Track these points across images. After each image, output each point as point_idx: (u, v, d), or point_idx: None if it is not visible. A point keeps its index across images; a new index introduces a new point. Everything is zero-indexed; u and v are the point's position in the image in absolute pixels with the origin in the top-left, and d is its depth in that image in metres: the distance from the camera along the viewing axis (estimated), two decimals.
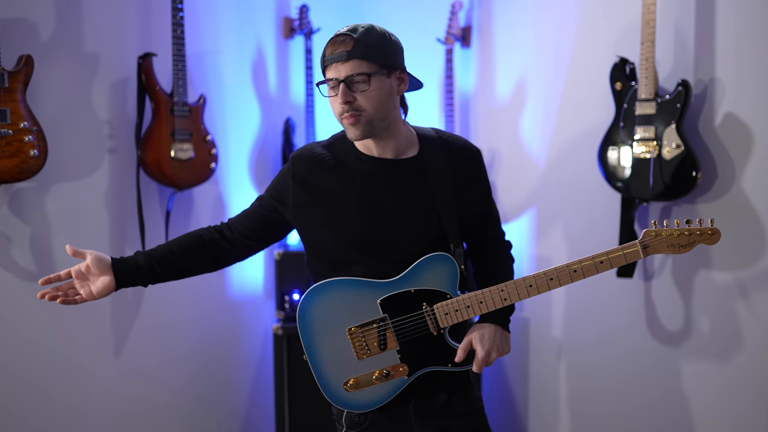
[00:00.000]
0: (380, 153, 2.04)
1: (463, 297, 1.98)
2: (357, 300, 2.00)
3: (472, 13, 3.86)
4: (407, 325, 1.99)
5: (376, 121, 1.95)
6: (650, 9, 2.68)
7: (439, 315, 1.98)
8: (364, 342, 2.00)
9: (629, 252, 1.92)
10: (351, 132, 1.96)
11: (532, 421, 3.59)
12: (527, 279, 1.95)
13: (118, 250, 3.13)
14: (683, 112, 2.67)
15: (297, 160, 2.09)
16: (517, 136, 3.58)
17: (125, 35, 3.14)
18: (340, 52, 1.90)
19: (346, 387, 2.02)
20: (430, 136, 2.12)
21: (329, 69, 1.93)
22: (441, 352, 2.02)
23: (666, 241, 1.91)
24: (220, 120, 3.51)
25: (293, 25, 3.83)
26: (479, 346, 1.99)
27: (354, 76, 1.90)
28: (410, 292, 1.98)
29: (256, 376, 3.74)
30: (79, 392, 3.05)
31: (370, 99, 1.92)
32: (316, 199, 2.04)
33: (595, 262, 1.94)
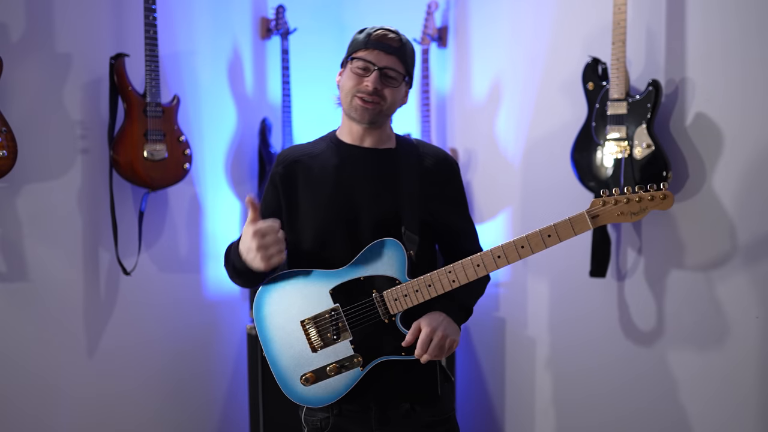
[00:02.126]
0: (360, 141, 2.10)
1: (411, 282, 1.95)
2: (309, 291, 2.00)
3: (448, 14, 3.86)
4: (358, 314, 1.98)
5: (384, 116, 2.06)
6: (621, 9, 2.69)
7: (389, 301, 1.96)
8: (317, 333, 1.99)
9: (577, 222, 1.86)
10: (361, 114, 2.03)
11: (508, 423, 3.60)
12: (474, 259, 1.92)
13: (91, 252, 3.12)
14: (654, 111, 2.67)
15: (281, 155, 2.16)
16: (492, 135, 3.59)
17: (98, 36, 3.13)
18: (389, 44, 2.02)
19: (303, 381, 2.00)
20: (408, 138, 2.19)
21: (369, 51, 2.02)
22: (394, 341, 1.98)
23: (616, 209, 1.83)
24: (196, 120, 3.50)
25: (270, 25, 3.82)
26: (426, 325, 1.94)
27: (391, 69, 2.02)
28: (360, 279, 1.98)
29: (232, 374, 3.73)
30: (51, 392, 3.03)
31: (393, 96, 2.04)
32: (297, 181, 2.09)
33: (542, 236, 1.87)
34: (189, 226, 3.52)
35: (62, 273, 3.05)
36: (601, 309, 3.06)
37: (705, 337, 2.68)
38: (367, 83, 2.00)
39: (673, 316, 2.79)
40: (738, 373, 2.58)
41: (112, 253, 3.15)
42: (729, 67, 2.58)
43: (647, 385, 2.89)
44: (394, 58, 2.02)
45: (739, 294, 2.58)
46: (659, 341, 2.84)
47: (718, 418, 2.66)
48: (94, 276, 3.15)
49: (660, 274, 2.82)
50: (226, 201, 3.72)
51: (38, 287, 2.97)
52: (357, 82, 2.01)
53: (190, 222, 3.53)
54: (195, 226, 3.55)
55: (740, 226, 2.56)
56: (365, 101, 2.00)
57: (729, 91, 2.59)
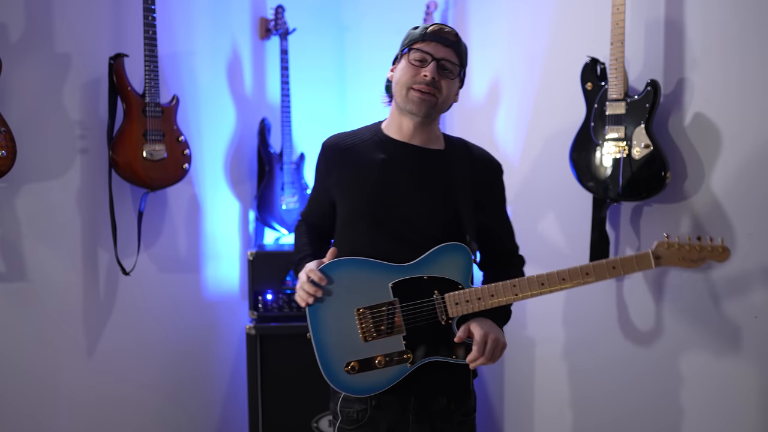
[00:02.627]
0: (409, 139, 2.11)
1: (474, 288, 1.99)
2: (368, 281, 2.01)
3: (447, 14, 3.86)
4: (416, 311, 2.00)
5: (439, 109, 2.08)
6: (619, 9, 2.69)
7: (450, 304, 1.99)
8: (371, 324, 2.00)
9: (641, 260, 1.96)
10: (418, 105, 2.03)
11: (507, 423, 3.60)
12: (540, 277, 1.97)
13: (90, 252, 3.12)
14: (652, 112, 2.67)
15: (325, 144, 2.20)
16: (491, 135, 3.59)
17: (97, 36, 3.13)
18: (446, 37, 2.04)
19: (347, 369, 2.00)
20: (457, 139, 2.22)
21: (426, 43, 2.04)
22: (446, 343, 2.01)
23: (678, 253, 1.96)
24: (195, 120, 3.51)
25: (269, 25, 3.83)
26: (479, 328, 1.98)
27: (448, 61, 2.04)
28: (423, 278, 2.00)
29: (231, 374, 3.74)
30: (50, 393, 3.03)
31: (448, 88, 2.06)
32: (341, 169, 2.12)
33: (607, 267, 1.96)
34: (188, 226, 3.52)
35: (61, 273, 3.05)
36: (600, 309, 3.06)
37: (704, 338, 2.68)
38: (425, 73, 2.01)
39: (671, 316, 2.79)
40: (737, 373, 2.58)
41: (111, 253, 3.15)
42: (728, 67, 2.58)
43: (646, 385, 2.89)
44: (450, 51, 2.04)
45: (737, 294, 2.57)
46: (658, 341, 2.84)
47: (717, 419, 2.66)
48: (93, 276, 3.15)
49: (659, 274, 2.82)
50: (226, 201, 3.72)
51: (37, 287, 2.97)
52: (414, 73, 2.03)
53: (190, 222, 3.53)
54: (194, 226, 3.55)
55: (739, 226, 2.56)
56: (422, 92, 2.02)
57: (728, 91, 2.58)
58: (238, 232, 3.79)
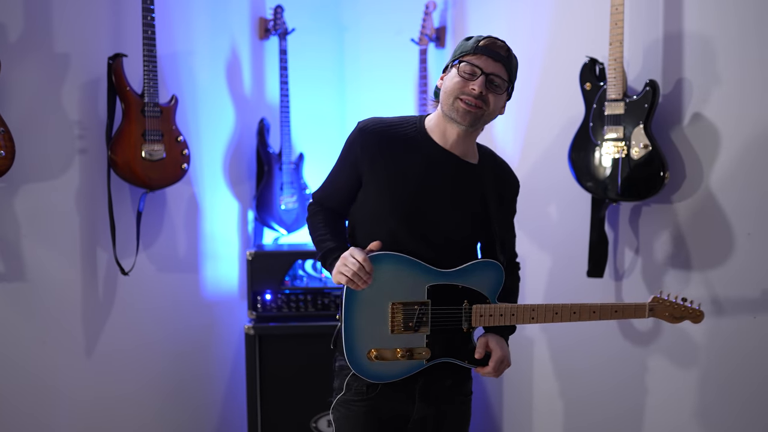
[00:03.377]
0: (450, 147, 2.15)
1: (500, 305, 2.14)
2: (408, 279, 2.10)
3: (446, 14, 3.86)
4: (444, 315, 2.11)
5: (484, 122, 2.11)
6: (618, 9, 2.69)
7: (475, 315, 2.13)
8: (401, 319, 2.09)
9: (638, 310, 2.21)
10: (463, 116, 2.06)
11: (506, 423, 3.60)
12: (556, 307, 2.15)
13: (89, 252, 3.12)
14: (651, 112, 2.68)
15: (365, 128, 2.15)
16: (490, 135, 3.59)
17: (96, 36, 3.13)
18: (497, 52, 2.06)
19: (369, 356, 2.10)
20: (488, 152, 2.28)
21: (477, 57, 2.05)
22: (462, 348, 2.16)
23: (667, 309, 2.22)
24: (194, 120, 3.51)
25: (268, 25, 3.82)
26: (498, 349, 2.17)
27: (497, 76, 2.06)
28: (458, 287, 2.12)
29: (230, 374, 3.73)
30: (49, 392, 3.04)
31: (496, 102, 2.08)
32: (381, 159, 2.12)
33: (611, 310, 2.20)
34: (187, 226, 3.52)
35: (60, 273, 3.05)
36: None
37: (702, 337, 2.68)
38: (473, 87, 2.03)
39: None
40: (736, 373, 2.59)
41: (110, 253, 3.15)
42: (726, 67, 2.58)
43: (645, 385, 2.89)
44: (500, 66, 2.06)
45: (736, 294, 2.58)
46: (657, 341, 2.84)
47: (716, 418, 2.66)
48: (92, 276, 3.15)
49: (657, 274, 2.83)
50: (225, 201, 3.72)
51: (36, 287, 2.98)
52: (462, 85, 2.05)
53: (189, 222, 3.53)
54: (193, 226, 3.55)
55: (737, 227, 2.56)
56: (468, 105, 2.04)
57: (726, 91, 2.59)
58: (237, 232, 3.79)
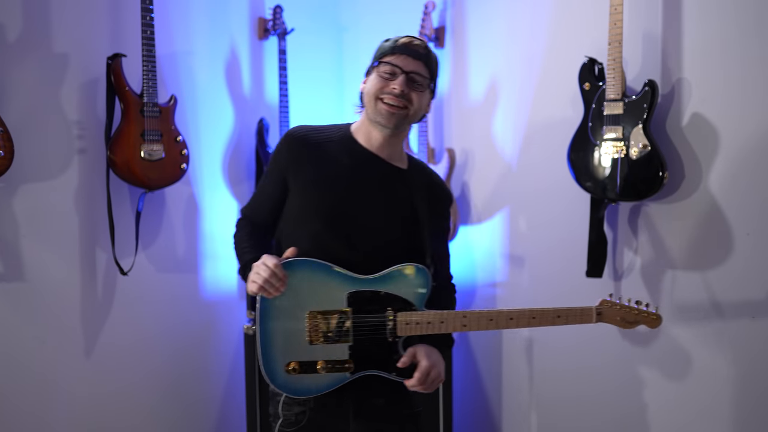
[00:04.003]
0: (377, 150, 2.11)
1: (427, 312, 2.01)
2: (326, 286, 2.02)
3: (445, 14, 3.86)
4: (367, 324, 2.01)
5: (409, 121, 2.09)
6: (617, 10, 2.69)
7: (400, 323, 2.01)
8: (320, 329, 2.01)
9: (584, 315, 2.10)
10: (386, 118, 2.04)
11: (505, 423, 3.60)
12: (490, 313, 2.02)
13: (88, 252, 3.12)
14: (650, 112, 2.68)
15: (290, 134, 2.15)
16: (489, 136, 3.59)
17: (95, 36, 3.13)
18: (416, 50, 2.05)
19: (288, 369, 2.01)
20: (419, 162, 2.24)
21: (396, 56, 2.04)
22: (389, 359, 2.04)
23: (617, 313, 2.09)
24: (193, 120, 3.51)
25: (267, 25, 3.82)
26: (425, 359, 2.02)
27: (418, 74, 2.05)
28: (380, 293, 2.02)
29: (230, 374, 3.73)
30: (48, 392, 3.03)
31: (419, 101, 2.07)
32: (306, 165, 2.10)
33: (552, 315, 2.09)
34: (186, 226, 3.52)
35: (59, 273, 3.05)
36: None
37: (702, 337, 2.68)
38: (395, 86, 2.02)
39: (669, 316, 2.79)
40: (735, 373, 2.59)
41: (109, 253, 3.15)
42: (726, 66, 2.58)
43: (644, 385, 2.89)
44: (420, 64, 2.05)
45: (735, 294, 2.58)
46: (656, 341, 2.84)
47: (715, 418, 2.66)
48: (91, 276, 3.15)
49: (657, 274, 2.83)
50: (224, 201, 3.72)
51: (35, 287, 2.98)
52: (383, 86, 2.04)
53: (188, 222, 3.53)
54: (192, 226, 3.55)
55: (736, 227, 2.56)
56: (392, 105, 2.02)
57: (725, 91, 2.59)
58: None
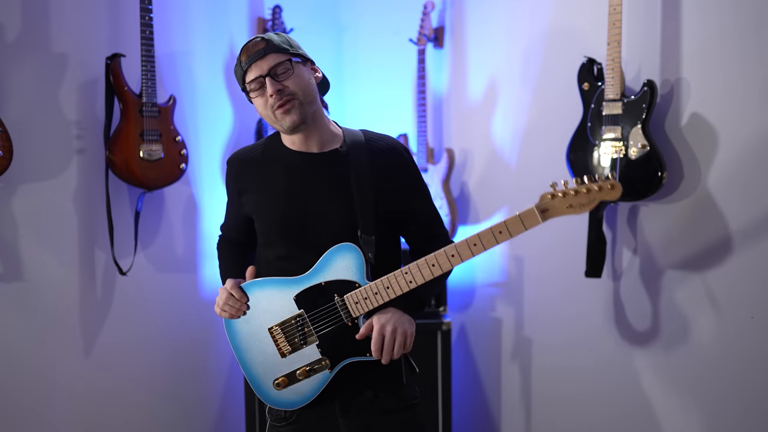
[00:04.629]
0: (305, 147, 2.11)
1: (370, 284, 1.99)
2: (274, 299, 2.05)
3: (444, 14, 3.86)
4: (323, 318, 2.03)
5: (306, 104, 2.03)
6: (616, 10, 2.69)
7: (350, 304, 2.00)
8: (284, 340, 2.05)
9: (527, 218, 1.86)
10: (287, 120, 2.02)
11: (504, 423, 3.60)
12: (428, 259, 1.93)
13: (87, 252, 3.12)
14: (649, 112, 2.68)
15: (230, 160, 2.21)
16: (488, 136, 3.59)
17: (94, 36, 3.13)
18: (256, 52, 2.02)
19: (275, 386, 2.06)
20: (355, 134, 2.18)
21: (249, 71, 2.03)
22: (358, 342, 2.02)
23: (565, 201, 1.82)
24: (192, 120, 3.51)
25: (266, 25, 3.82)
26: (377, 320, 1.98)
27: (277, 66, 2.01)
28: (321, 284, 2.02)
29: (229, 373, 3.73)
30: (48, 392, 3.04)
31: (296, 82, 2.02)
32: (250, 188, 2.14)
33: (494, 233, 1.88)
34: (185, 226, 3.52)
35: (58, 273, 3.05)
36: (597, 309, 3.06)
37: (700, 337, 2.68)
38: (270, 93, 2.00)
39: (668, 316, 2.79)
40: (734, 373, 2.59)
41: (108, 253, 3.15)
42: (725, 67, 2.58)
43: (643, 385, 2.89)
44: (269, 57, 2.01)
45: (734, 294, 2.58)
46: (655, 341, 2.84)
47: (714, 418, 2.66)
48: (90, 276, 3.15)
49: (655, 274, 2.83)
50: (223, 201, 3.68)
51: (34, 287, 2.98)
52: (264, 101, 2.03)
53: (186, 222, 3.53)
54: (191, 226, 3.55)
55: (735, 227, 2.56)
56: (280, 107, 2.00)
57: (724, 91, 2.59)
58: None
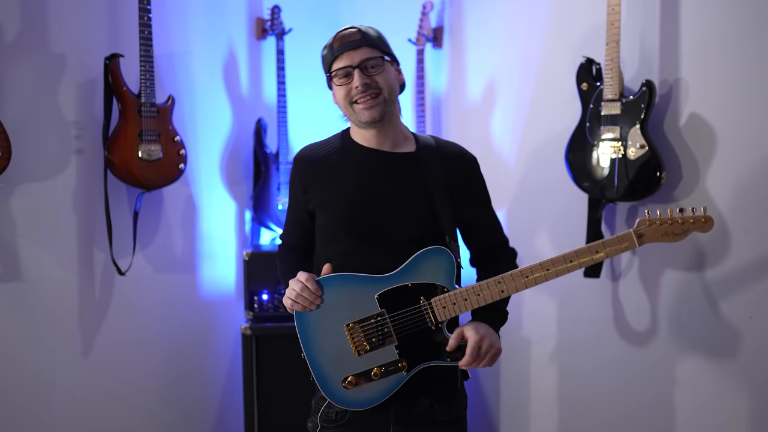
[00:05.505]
0: (378, 145, 2.10)
1: (460, 290, 1.97)
2: (354, 295, 2.00)
3: (443, 14, 3.87)
4: (405, 320, 1.99)
5: (390, 103, 2.04)
6: (615, 10, 2.69)
7: (437, 308, 1.97)
8: (362, 338, 1.99)
9: (624, 243, 1.91)
10: (366, 114, 2.02)
11: (503, 423, 3.60)
12: (524, 270, 1.94)
13: (85, 252, 3.12)
14: (647, 112, 2.68)
15: (298, 157, 2.17)
16: (487, 136, 3.59)
17: (92, 36, 3.13)
18: (351, 41, 2.01)
19: (345, 384, 2.00)
20: (427, 138, 2.18)
21: (340, 59, 2.02)
22: (439, 347, 2.00)
23: (660, 229, 1.91)
24: (191, 121, 3.51)
25: (265, 25, 3.82)
26: (473, 334, 1.96)
27: (369, 60, 2.02)
28: (407, 286, 1.98)
29: (228, 374, 3.73)
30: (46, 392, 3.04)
31: (385, 79, 2.03)
32: (317, 183, 2.11)
33: (591, 253, 1.92)
34: (184, 227, 3.52)
35: (57, 273, 3.05)
36: (596, 309, 3.06)
37: (699, 337, 2.68)
38: (356, 84, 2.00)
39: (667, 317, 2.79)
40: (732, 374, 2.59)
41: (106, 253, 3.14)
42: (723, 66, 2.58)
43: (642, 385, 2.89)
44: (363, 49, 2.02)
45: (733, 294, 2.58)
46: (653, 341, 2.84)
47: (713, 418, 2.66)
48: (89, 276, 3.15)
49: (654, 274, 2.83)
50: (222, 201, 3.72)
51: (33, 287, 2.98)
52: (347, 90, 2.03)
53: (185, 222, 3.53)
54: (190, 226, 3.55)
55: (734, 227, 2.56)
56: (364, 101, 2.01)
57: (723, 91, 2.58)
58: (234, 233, 3.79)
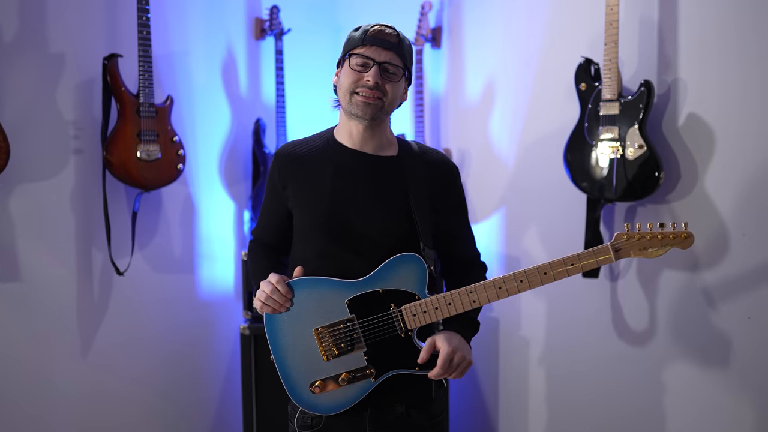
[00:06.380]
0: (360, 146, 2.07)
1: (431, 298, 1.95)
2: (325, 299, 1.98)
3: (442, 14, 3.87)
4: (375, 326, 1.97)
5: (385, 112, 2.03)
6: (613, 10, 2.69)
7: (407, 316, 1.96)
8: (330, 343, 1.98)
9: (600, 256, 1.88)
10: (362, 109, 2.00)
11: (502, 423, 3.60)
12: (496, 281, 1.93)
13: (84, 252, 3.12)
14: (646, 112, 2.68)
15: (278, 153, 2.15)
16: (486, 136, 3.59)
17: (91, 36, 3.12)
18: (387, 40, 1.99)
19: (312, 389, 2.00)
20: (410, 143, 2.16)
21: (367, 48, 1.99)
22: (408, 355, 1.98)
23: (638, 244, 1.87)
24: (190, 121, 3.50)
25: (264, 26, 3.82)
26: (445, 345, 1.94)
27: (390, 64, 1.99)
28: (378, 292, 1.97)
29: (226, 374, 3.73)
30: (45, 392, 3.03)
31: (393, 91, 2.01)
32: (295, 181, 2.08)
33: (566, 266, 1.89)
34: (183, 227, 3.52)
35: (55, 273, 3.05)
36: (594, 309, 3.06)
37: (697, 337, 2.69)
38: (368, 78, 1.97)
39: (665, 317, 2.80)
40: (731, 374, 2.59)
41: (105, 253, 3.14)
42: (722, 66, 2.58)
43: (640, 385, 2.89)
44: (392, 53, 1.99)
45: (731, 294, 2.58)
46: (652, 341, 2.84)
47: (712, 419, 2.66)
48: (88, 276, 3.15)
49: (653, 274, 2.83)
50: (220, 201, 3.71)
51: (31, 287, 2.97)
52: (356, 78, 1.99)
53: (184, 222, 3.53)
54: (189, 226, 3.55)
55: (732, 227, 2.56)
56: (366, 97, 1.98)
57: (722, 91, 2.59)
58: (233, 233, 3.79)
